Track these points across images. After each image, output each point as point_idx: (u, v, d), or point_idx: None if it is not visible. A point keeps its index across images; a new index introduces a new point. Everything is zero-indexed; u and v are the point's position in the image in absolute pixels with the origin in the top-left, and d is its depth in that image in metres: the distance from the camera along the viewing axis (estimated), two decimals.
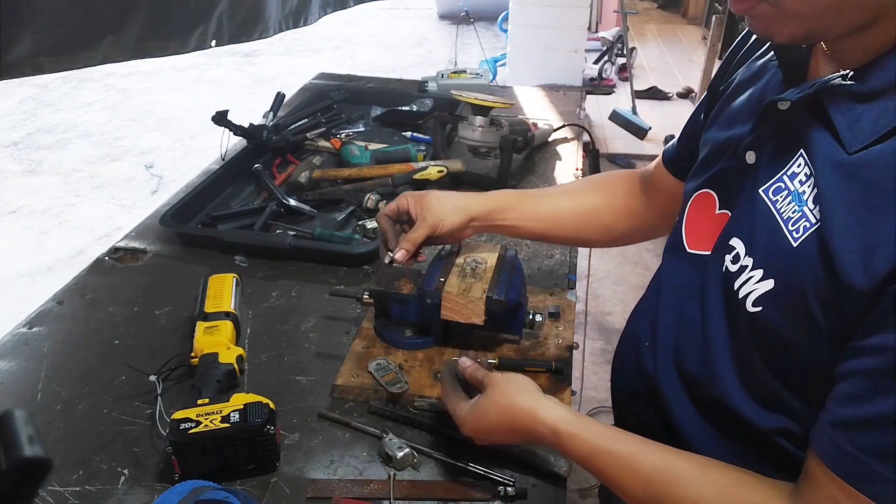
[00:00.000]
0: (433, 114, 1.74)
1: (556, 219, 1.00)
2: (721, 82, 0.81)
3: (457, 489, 0.84)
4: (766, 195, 0.64)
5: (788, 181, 0.62)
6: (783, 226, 0.61)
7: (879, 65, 0.56)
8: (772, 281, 0.61)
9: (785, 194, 0.62)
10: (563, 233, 1.01)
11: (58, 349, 1.06)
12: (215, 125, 1.55)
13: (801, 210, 0.60)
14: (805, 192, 0.60)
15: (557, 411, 0.73)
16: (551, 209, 1.00)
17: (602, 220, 1.01)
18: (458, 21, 5.55)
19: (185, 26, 1.37)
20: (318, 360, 1.05)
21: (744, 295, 0.64)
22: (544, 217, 0.99)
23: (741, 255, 0.66)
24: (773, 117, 0.64)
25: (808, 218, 0.58)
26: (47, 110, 5.04)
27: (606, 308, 2.90)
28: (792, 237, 0.60)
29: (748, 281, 0.64)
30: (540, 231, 1.00)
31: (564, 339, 1.05)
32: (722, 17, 3.64)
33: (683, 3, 7.34)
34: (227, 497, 0.74)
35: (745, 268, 0.65)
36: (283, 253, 1.28)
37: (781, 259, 0.60)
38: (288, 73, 5.75)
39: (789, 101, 0.61)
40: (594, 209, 1.01)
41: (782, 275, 0.60)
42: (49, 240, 3.46)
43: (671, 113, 4.79)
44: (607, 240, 1.04)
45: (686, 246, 0.77)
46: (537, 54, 4.28)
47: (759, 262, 0.63)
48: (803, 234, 0.58)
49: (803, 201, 0.60)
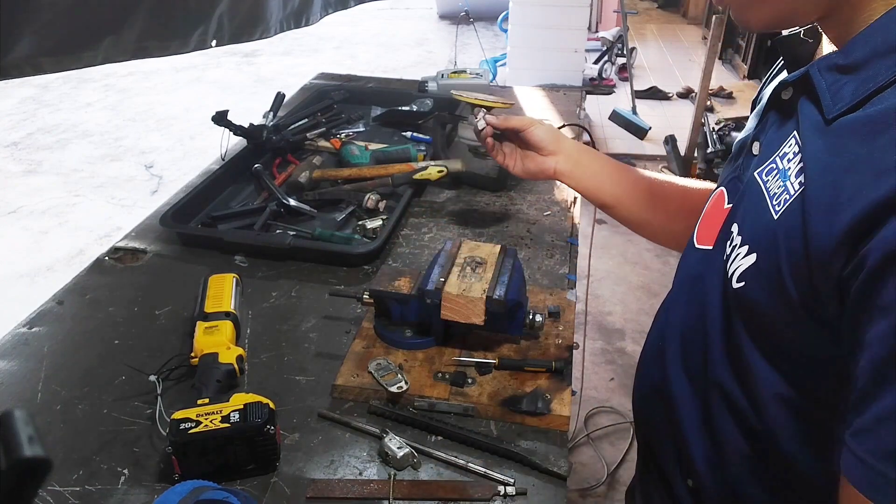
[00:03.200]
0: (433, 114, 1.74)
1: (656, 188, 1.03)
2: (757, 94, 0.83)
3: (457, 489, 0.84)
4: (760, 176, 0.66)
5: (780, 161, 0.64)
6: (769, 202, 0.62)
7: (862, 38, 0.57)
8: (754, 255, 0.62)
9: (775, 174, 0.64)
10: (633, 207, 1.04)
11: (58, 349, 1.06)
12: (215, 125, 1.55)
13: (784, 185, 0.61)
14: (790, 169, 0.61)
15: None
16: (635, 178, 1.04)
17: (670, 207, 1.02)
18: (458, 21, 5.55)
19: (186, 26, 1.37)
20: (318, 360, 1.05)
21: (731, 272, 0.65)
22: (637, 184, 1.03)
23: (734, 237, 0.67)
24: (776, 107, 0.67)
25: (789, 190, 0.60)
26: (47, 110, 5.04)
27: (606, 308, 2.90)
28: (774, 210, 0.61)
29: (736, 258, 0.65)
30: (612, 198, 1.04)
31: (564, 339, 1.05)
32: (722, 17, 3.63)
33: (683, 3, 7.34)
34: (227, 497, 0.74)
35: (734, 247, 0.66)
36: (283, 253, 1.28)
37: (763, 233, 0.62)
38: (288, 73, 5.75)
39: (790, 86, 0.64)
40: (670, 194, 1.03)
41: (764, 248, 0.61)
42: (49, 240, 3.46)
43: (671, 113, 4.79)
44: (668, 230, 1.04)
45: (695, 241, 0.78)
46: (537, 54, 4.28)
47: (745, 239, 0.65)
48: (783, 206, 0.60)
49: (787, 176, 0.61)
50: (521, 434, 0.91)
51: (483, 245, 1.09)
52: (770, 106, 0.69)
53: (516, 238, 1.37)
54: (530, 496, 0.83)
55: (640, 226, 1.06)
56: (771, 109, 0.69)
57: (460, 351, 1.02)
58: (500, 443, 0.89)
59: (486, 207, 1.48)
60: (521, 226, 1.41)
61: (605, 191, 1.05)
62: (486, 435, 0.90)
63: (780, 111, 0.67)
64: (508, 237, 1.37)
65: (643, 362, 0.89)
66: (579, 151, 1.07)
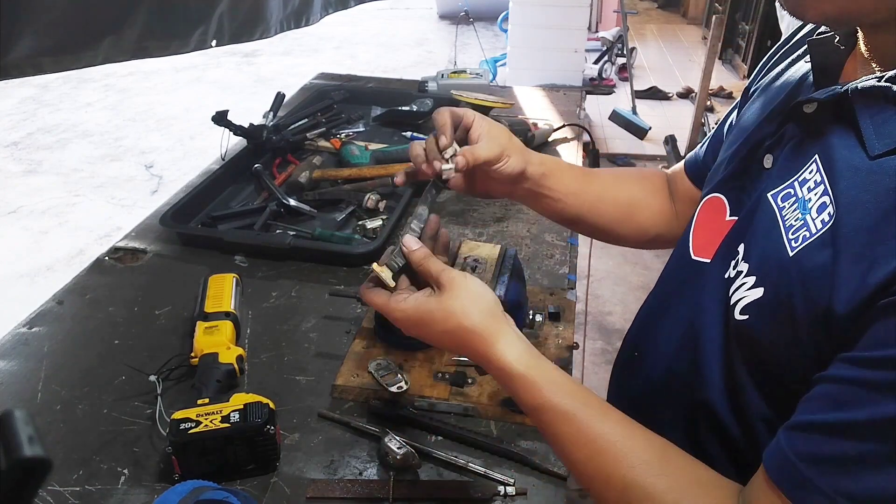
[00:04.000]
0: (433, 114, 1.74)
1: (600, 202, 0.91)
2: (753, 83, 0.78)
3: (457, 489, 0.84)
4: (775, 200, 0.61)
5: (798, 187, 0.58)
6: (784, 233, 0.58)
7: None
8: (761, 290, 0.58)
9: (792, 201, 0.58)
10: (599, 221, 0.92)
11: (58, 349, 1.06)
12: (215, 125, 1.55)
13: (803, 218, 0.56)
14: (811, 200, 0.56)
15: (518, 349, 0.65)
16: (599, 191, 0.91)
17: (641, 217, 0.94)
18: (458, 21, 5.55)
19: (186, 26, 1.37)
20: (318, 360, 1.05)
21: (735, 301, 0.61)
22: (589, 197, 0.90)
23: (739, 260, 0.63)
24: (797, 120, 0.61)
25: (810, 227, 0.55)
26: (47, 110, 5.04)
27: (606, 308, 2.90)
28: (790, 246, 0.56)
29: (741, 287, 0.61)
30: (577, 212, 0.90)
31: (564, 339, 1.05)
32: (722, 17, 3.64)
33: (683, 3, 7.34)
34: (227, 497, 0.74)
35: (740, 273, 0.62)
36: (283, 253, 1.28)
37: (776, 268, 0.57)
38: (288, 73, 5.75)
39: (816, 103, 0.57)
40: (635, 203, 0.94)
41: (774, 284, 0.57)
42: (49, 240, 3.46)
43: (671, 113, 4.79)
44: (639, 240, 0.96)
45: (691, 252, 0.74)
46: (537, 54, 4.28)
47: (753, 269, 0.60)
48: (801, 243, 0.55)
49: (807, 209, 0.56)
50: (521, 434, 0.91)
51: (483, 245, 1.09)
52: (789, 117, 0.62)
53: (516, 238, 1.37)
54: (530, 496, 0.83)
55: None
56: (789, 121, 0.62)
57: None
58: (500, 443, 0.89)
59: (486, 207, 1.48)
60: (521, 226, 1.41)
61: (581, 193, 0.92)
62: (486, 435, 0.90)
63: (802, 126, 0.60)
64: (508, 237, 1.37)
65: (616, 373, 0.87)
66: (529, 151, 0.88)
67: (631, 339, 0.85)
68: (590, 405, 0.63)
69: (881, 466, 0.46)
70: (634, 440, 0.61)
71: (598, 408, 0.63)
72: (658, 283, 0.84)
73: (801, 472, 0.49)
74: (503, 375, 0.65)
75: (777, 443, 0.52)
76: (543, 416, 0.63)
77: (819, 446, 0.49)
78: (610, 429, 0.61)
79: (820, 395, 0.51)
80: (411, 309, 0.67)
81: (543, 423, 0.64)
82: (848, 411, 0.48)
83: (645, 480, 0.57)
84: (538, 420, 0.64)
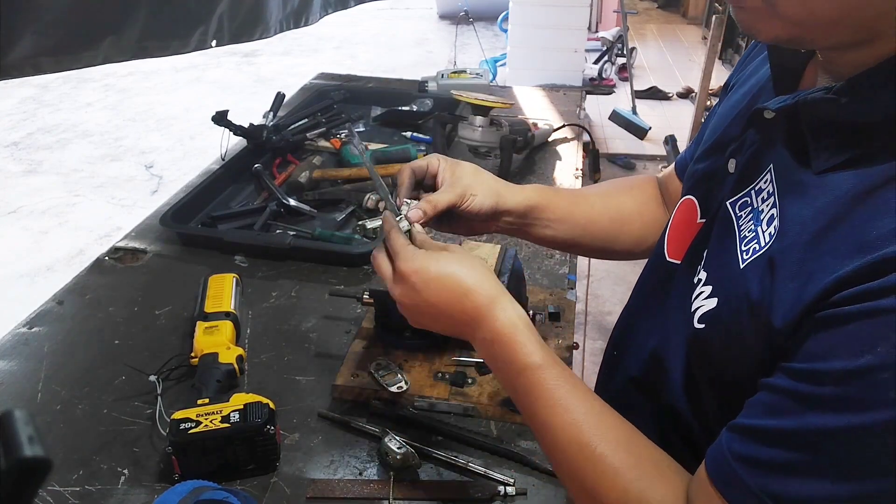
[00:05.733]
0: (433, 114, 1.74)
1: (591, 223, 0.90)
2: (734, 75, 0.77)
3: (457, 489, 0.84)
4: (733, 209, 0.61)
5: (754, 197, 0.59)
6: (738, 244, 0.58)
7: (870, 82, 0.50)
8: (715, 300, 0.59)
9: (749, 210, 0.59)
10: (593, 241, 0.92)
11: (58, 349, 1.06)
12: (215, 125, 1.55)
13: (755, 230, 0.56)
14: (763, 212, 0.56)
15: (516, 310, 0.66)
16: (587, 211, 0.90)
17: (633, 229, 0.93)
18: (458, 21, 5.55)
19: (186, 26, 1.37)
20: (318, 360, 1.05)
21: (694, 309, 0.62)
22: (579, 221, 0.89)
23: (700, 268, 0.63)
24: (757, 126, 0.60)
25: (759, 240, 0.55)
26: (47, 110, 5.04)
27: (606, 308, 2.90)
28: (742, 258, 0.56)
29: (699, 295, 0.61)
30: (570, 238, 0.90)
31: (564, 339, 1.05)
32: (722, 17, 3.63)
33: (683, 3, 7.33)
34: (227, 497, 0.74)
35: (700, 280, 0.62)
36: (283, 253, 1.28)
37: (728, 279, 0.58)
38: (288, 73, 5.75)
39: (773, 112, 0.57)
40: (627, 215, 0.93)
41: (725, 296, 0.58)
42: (49, 240, 3.46)
43: (671, 113, 4.79)
44: (636, 251, 0.95)
45: (666, 254, 0.74)
46: (537, 54, 4.28)
47: (710, 278, 0.61)
48: (751, 256, 0.55)
49: (759, 221, 0.56)
50: (521, 434, 0.91)
51: (483, 245, 1.09)
52: (750, 122, 0.61)
53: (516, 238, 1.37)
54: (530, 496, 0.83)
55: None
56: (750, 127, 0.61)
57: (460, 351, 1.02)
58: (500, 443, 0.89)
59: None
60: None
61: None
62: (486, 435, 0.91)
63: (761, 132, 0.60)
64: (508, 237, 1.37)
65: (600, 370, 0.88)
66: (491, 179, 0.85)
67: (612, 338, 0.86)
68: (575, 379, 0.65)
69: (806, 475, 0.47)
70: (614, 417, 0.63)
71: (582, 385, 0.65)
72: (637, 283, 0.84)
73: (735, 470, 0.51)
74: (498, 337, 0.66)
75: (719, 441, 0.54)
76: (535, 374, 0.64)
77: (752, 449, 0.51)
78: (590, 404, 0.63)
79: (759, 402, 0.52)
80: (419, 262, 0.68)
81: (531, 384, 0.64)
82: (779, 420, 0.49)
83: (614, 455, 0.60)
84: (527, 380, 0.64)
